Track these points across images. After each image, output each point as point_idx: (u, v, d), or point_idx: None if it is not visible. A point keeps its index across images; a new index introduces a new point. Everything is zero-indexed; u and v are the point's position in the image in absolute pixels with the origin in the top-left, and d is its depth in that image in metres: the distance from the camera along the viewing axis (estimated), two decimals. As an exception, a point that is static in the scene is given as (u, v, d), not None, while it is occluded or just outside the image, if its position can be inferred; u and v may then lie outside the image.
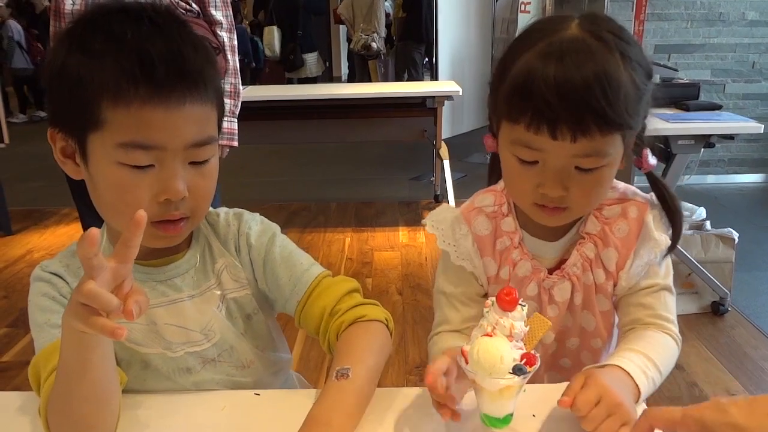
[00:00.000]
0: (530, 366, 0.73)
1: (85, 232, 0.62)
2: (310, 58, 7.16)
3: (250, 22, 9.72)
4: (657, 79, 2.98)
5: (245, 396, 0.89)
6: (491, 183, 1.03)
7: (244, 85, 2.87)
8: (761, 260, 3.33)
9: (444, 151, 4.03)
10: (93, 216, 0.84)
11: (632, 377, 0.82)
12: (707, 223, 2.80)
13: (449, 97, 3.96)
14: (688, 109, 2.80)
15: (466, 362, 0.75)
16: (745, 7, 4.41)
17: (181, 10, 1.96)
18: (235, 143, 2.12)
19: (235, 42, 2.14)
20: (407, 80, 6.93)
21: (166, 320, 0.89)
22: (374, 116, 4.12)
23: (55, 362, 0.75)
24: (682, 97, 2.89)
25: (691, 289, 2.76)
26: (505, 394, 0.75)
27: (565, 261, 0.97)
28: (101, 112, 0.75)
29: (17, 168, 5.15)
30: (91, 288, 0.63)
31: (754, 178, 4.76)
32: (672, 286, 0.98)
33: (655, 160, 0.94)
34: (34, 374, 0.83)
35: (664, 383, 0.90)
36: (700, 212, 2.87)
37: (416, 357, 2.47)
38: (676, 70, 3.22)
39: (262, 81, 8.43)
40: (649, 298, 0.96)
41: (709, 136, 2.59)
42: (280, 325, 1.05)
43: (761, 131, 2.61)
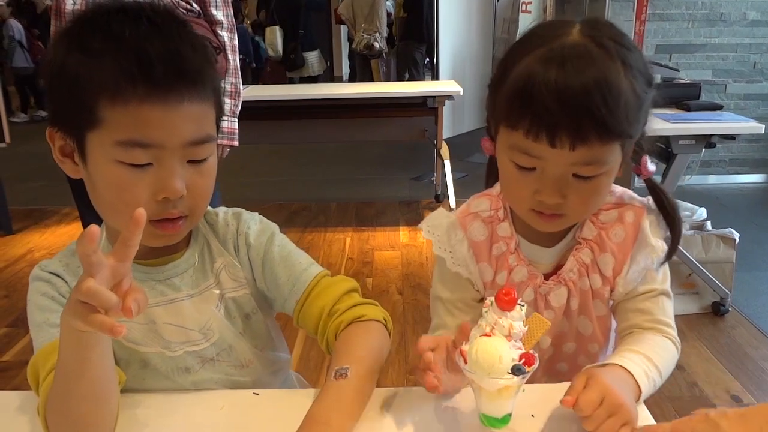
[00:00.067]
0: (529, 366, 0.73)
1: (85, 229, 0.62)
2: (312, 56, 7.14)
3: (252, 22, 9.72)
4: (658, 79, 3.00)
5: (244, 395, 0.89)
6: (489, 186, 1.03)
7: (245, 84, 2.87)
8: (762, 260, 3.32)
9: (445, 150, 4.03)
10: (93, 215, 0.84)
11: (633, 376, 0.82)
12: (708, 224, 2.80)
13: (450, 97, 3.96)
14: (689, 109, 2.79)
15: (465, 362, 0.75)
16: (747, 7, 4.41)
17: (182, 9, 1.96)
18: (236, 143, 2.12)
19: (236, 42, 2.14)
20: (408, 80, 6.92)
21: (164, 319, 0.89)
22: (375, 116, 4.12)
23: (54, 361, 0.75)
24: (683, 97, 2.88)
25: (692, 290, 2.76)
26: (503, 394, 0.75)
27: (562, 266, 0.96)
28: (99, 110, 0.75)
29: (18, 167, 5.15)
30: (91, 285, 0.63)
31: (755, 179, 4.75)
32: (670, 290, 0.97)
33: (654, 167, 0.93)
34: (33, 373, 0.83)
35: (664, 384, 0.90)
36: (701, 212, 2.86)
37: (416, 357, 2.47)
38: (677, 70, 3.21)
39: (264, 81, 8.43)
40: (647, 303, 0.95)
41: (710, 136, 2.59)
42: (280, 324, 1.05)
43: (762, 131, 2.61)
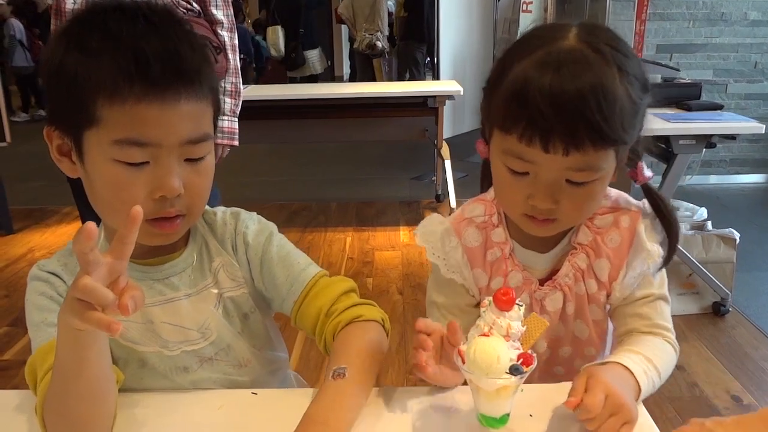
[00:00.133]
0: (527, 366, 0.73)
1: (82, 227, 0.61)
2: (313, 55, 7.11)
3: (253, 21, 9.73)
4: (658, 79, 2.99)
5: (242, 395, 0.89)
6: (484, 189, 1.02)
7: (247, 84, 2.88)
8: (762, 261, 3.32)
9: (445, 150, 4.03)
10: (93, 215, 0.84)
11: (633, 374, 0.82)
12: (708, 224, 2.80)
13: (450, 97, 3.96)
14: (689, 109, 2.79)
15: (463, 362, 0.75)
16: (748, 6, 4.40)
17: (182, 9, 1.96)
18: (236, 142, 2.12)
19: (236, 41, 2.14)
20: (409, 80, 6.91)
21: (162, 319, 0.89)
22: (375, 116, 4.11)
23: (52, 361, 0.75)
24: (683, 97, 2.88)
25: (692, 290, 2.76)
26: (501, 394, 0.75)
27: (557, 271, 0.96)
28: (97, 109, 0.75)
29: (19, 167, 5.15)
30: (87, 283, 0.63)
31: (756, 179, 4.75)
32: (667, 294, 0.97)
33: (650, 173, 0.93)
34: (31, 373, 0.83)
35: (664, 384, 0.90)
36: (702, 212, 2.86)
37: (416, 357, 2.46)
38: (678, 70, 3.21)
39: (264, 80, 8.43)
40: (645, 308, 0.95)
41: (711, 136, 2.58)
42: (280, 324, 1.05)
43: (762, 131, 2.60)
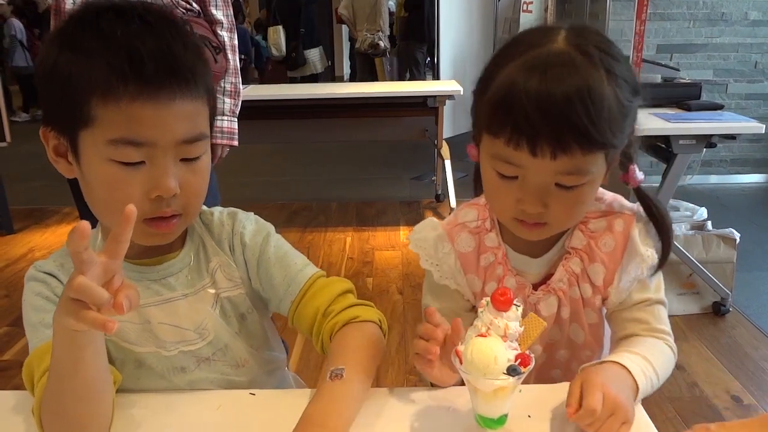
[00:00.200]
0: (525, 366, 0.73)
1: (75, 226, 0.61)
2: (313, 54, 7.08)
3: (254, 21, 9.73)
4: (658, 79, 2.99)
5: (240, 395, 0.89)
6: (477, 193, 1.02)
7: (247, 84, 2.87)
8: (762, 260, 3.32)
9: (445, 150, 4.03)
10: (93, 215, 0.84)
11: (631, 373, 0.82)
12: (709, 224, 2.79)
13: (450, 97, 3.95)
14: (689, 108, 2.79)
15: (461, 362, 0.74)
16: (748, 6, 4.40)
17: (182, 9, 1.95)
18: (236, 143, 2.12)
19: (236, 41, 2.13)
20: (409, 80, 6.91)
21: (160, 319, 0.89)
22: (375, 116, 4.11)
23: (49, 362, 0.75)
24: (683, 97, 2.87)
25: (693, 290, 2.75)
26: (499, 394, 0.75)
27: (551, 276, 0.96)
28: (91, 109, 0.75)
29: (19, 167, 5.14)
30: (81, 282, 0.63)
31: (756, 179, 4.75)
32: (664, 298, 0.96)
33: (642, 176, 0.92)
34: (28, 374, 0.83)
35: (664, 384, 0.89)
36: (702, 212, 2.86)
37: (416, 357, 2.46)
38: (678, 70, 3.21)
39: (265, 80, 8.43)
40: (642, 312, 0.95)
41: (711, 136, 2.58)
42: (279, 324, 1.05)
43: (763, 131, 2.60)
